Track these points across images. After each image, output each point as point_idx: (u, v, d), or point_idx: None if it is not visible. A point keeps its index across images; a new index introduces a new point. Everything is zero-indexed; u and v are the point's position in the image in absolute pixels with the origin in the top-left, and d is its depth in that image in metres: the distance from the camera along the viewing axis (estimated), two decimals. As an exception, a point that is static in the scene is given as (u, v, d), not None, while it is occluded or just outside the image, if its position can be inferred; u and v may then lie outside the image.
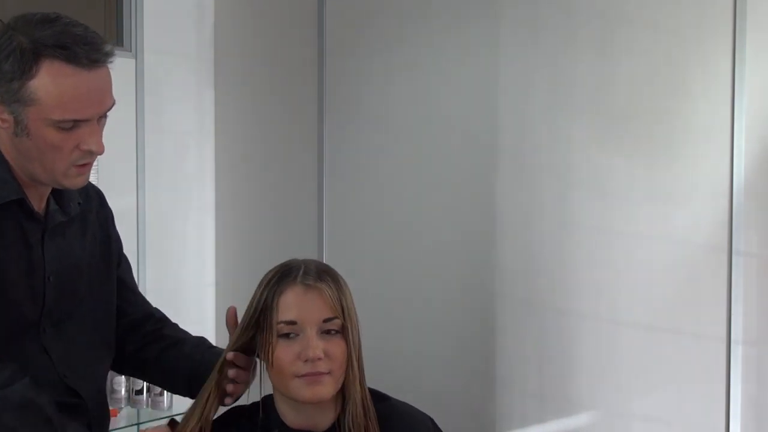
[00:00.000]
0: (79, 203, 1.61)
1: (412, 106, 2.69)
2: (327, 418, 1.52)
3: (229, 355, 1.55)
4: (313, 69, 2.90)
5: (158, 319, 1.79)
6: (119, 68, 3.09)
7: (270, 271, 1.53)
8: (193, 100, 3.09)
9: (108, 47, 1.45)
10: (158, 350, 1.73)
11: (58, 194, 1.57)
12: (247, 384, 1.59)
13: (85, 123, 1.45)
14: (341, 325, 1.47)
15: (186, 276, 3.06)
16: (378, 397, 1.57)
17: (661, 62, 2.25)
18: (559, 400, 2.41)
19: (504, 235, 2.50)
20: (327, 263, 1.60)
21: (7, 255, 1.49)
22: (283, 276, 1.50)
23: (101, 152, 1.48)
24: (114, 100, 1.49)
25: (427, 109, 2.65)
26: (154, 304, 1.82)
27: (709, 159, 2.18)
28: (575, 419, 2.39)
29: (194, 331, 1.81)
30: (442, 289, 2.62)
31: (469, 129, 2.57)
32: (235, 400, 1.59)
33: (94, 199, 1.68)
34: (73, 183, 1.51)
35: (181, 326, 1.81)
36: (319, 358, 1.44)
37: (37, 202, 1.54)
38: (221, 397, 1.56)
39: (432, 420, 1.62)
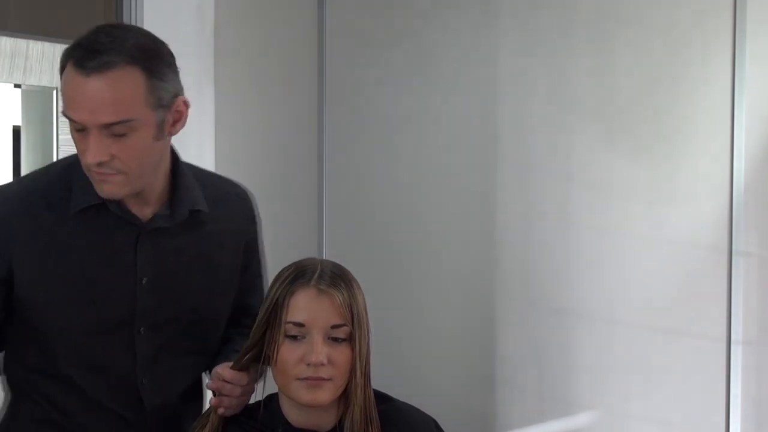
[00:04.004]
0: (196, 210, 1.60)
1: (412, 105, 2.69)
2: (330, 419, 1.52)
3: (210, 385, 1.57)
4: (313, 69, 2.90)
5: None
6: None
7: (286, 268, 1.53)
8: (193, 100, 3.07)
9: (104, 58, 1.41)
10: None
11: (176, 199, 1.58)
12: (242, 397, 1.57)
13: (88, 130, 1.44)
14: (349, 333, 1.47)
15: (186, 276, 3.06)
16: (381, 398, 1.57)
17: (661, 62, 2.25)
18: (559, 400, 2.41)
19: (504, 235, 2.50)
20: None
21: (93, 256, 1.53)
22: (297, 276, 1.49)
23: (87, 162, 1.46)
24: (121, 118, 1.44)
25: (427, 109, 2.65)
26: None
27: (709, 159, 2.18)
28: (575, 419, 2.39)
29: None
30: (442, 289, 2.62)
31: (469, 129, 2.57)
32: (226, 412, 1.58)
33: (238, 219, 1.69)
34: (99, 189, 1.50)
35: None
36: (322, 364, 1.44)
37: (140, 205, 1.56)
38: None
39: (436, 422, 1.62)
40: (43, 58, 2.56)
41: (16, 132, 4.09)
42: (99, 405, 1.59)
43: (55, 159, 2.66)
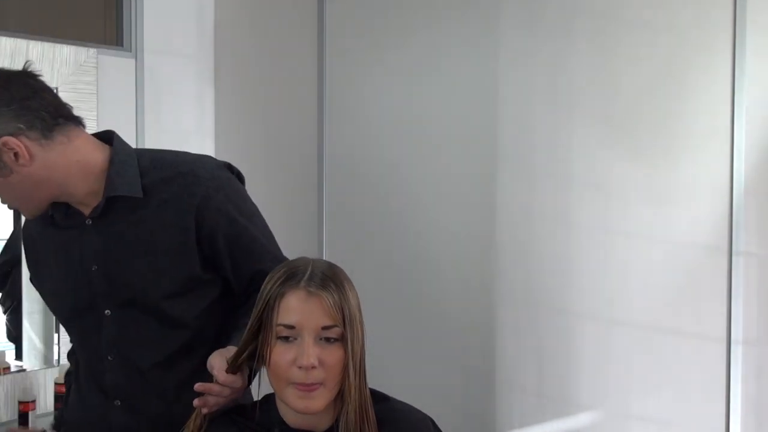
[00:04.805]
0: (118, 197, 1.69)
1: (412, 105, 2.69)
2: (326, 419, 1.52)
3: (197, 386, 1.55)
4: (313, 69, 2.90)
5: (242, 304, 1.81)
6: (119, 68, 3.09)
7: (278, 267, 1.52)
8: (193, 100, 3.09)
9: None
10: None
11: (110, 188, 1.70)
12: (228, 397, 1.57)
13: None
14: (340, 334, 1.47)
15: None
16: (378, 397, 1.57)
17: (661, 62, 2.25)
18: (559, 400, 2.41)
19: (504, 235, 2.50)
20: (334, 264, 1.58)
21: (59, 252, 1.77)
22: (288, 277, 1.49)
23: None
24: None
25: (427, 109, 2.65)
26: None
27: (709, 159, 2.18)
28: (575, 419, 2.39)
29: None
30: (442, 289, 2.62)
31: (469, 129, 2.57)
32: (212, 411, 1.58)
33: (182, 197, 1.71)
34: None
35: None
36: (313, 366, 1.44)
37: (79, 205, 1.73)
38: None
39: (432, 421, 1.61)
40: (43, 58, 2.56)
41: (16, 132, 4.07)
42: (86, 374, 1.82)
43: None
